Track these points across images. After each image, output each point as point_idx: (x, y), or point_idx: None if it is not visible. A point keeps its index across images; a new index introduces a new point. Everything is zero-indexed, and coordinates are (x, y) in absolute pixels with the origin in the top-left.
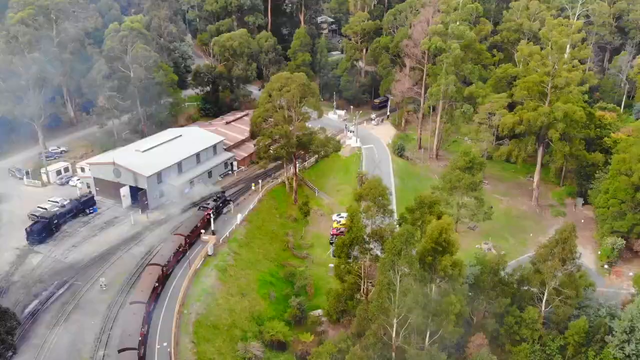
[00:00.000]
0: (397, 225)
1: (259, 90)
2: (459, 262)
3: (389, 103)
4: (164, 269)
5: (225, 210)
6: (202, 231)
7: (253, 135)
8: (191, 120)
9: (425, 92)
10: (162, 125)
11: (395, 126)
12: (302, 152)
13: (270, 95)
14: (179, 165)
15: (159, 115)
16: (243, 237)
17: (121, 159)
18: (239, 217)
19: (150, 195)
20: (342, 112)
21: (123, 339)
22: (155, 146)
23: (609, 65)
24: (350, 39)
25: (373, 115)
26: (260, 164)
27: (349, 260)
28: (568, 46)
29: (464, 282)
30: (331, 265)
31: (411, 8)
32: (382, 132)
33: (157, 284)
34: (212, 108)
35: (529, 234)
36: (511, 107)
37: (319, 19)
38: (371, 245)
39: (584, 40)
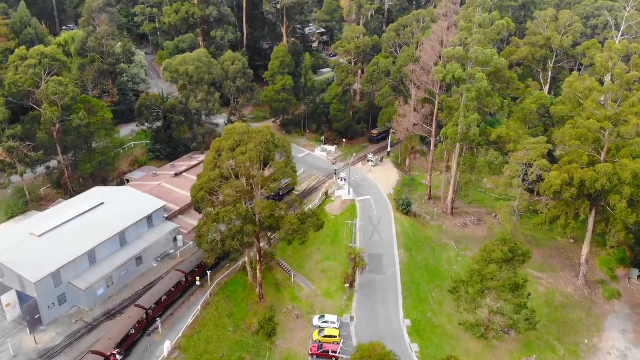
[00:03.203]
0: None
1: (226, 123)
2: None
3: (390, 135)
4: None
5: None
6: None
7: (197, 209)
8: (137, 165)
9: (437, 131)
10: (92, 177)
11: (398, 166)
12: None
13: (219, 156)
14: (91, 254)
15: (86, 166)
16: None
17: (4, 250)
18: (167, 345)
19: (42, 307)
20: (332, 148)
21: None
22: (59, 226)
23: None
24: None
25: (370, 155)
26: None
27: None
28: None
29: None
30: None
31: (418, 22)
32: (382, 175)
33: None
34: (165, 149)
35: (582, 337)
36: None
37: (307, 30)
38: None
39: None
